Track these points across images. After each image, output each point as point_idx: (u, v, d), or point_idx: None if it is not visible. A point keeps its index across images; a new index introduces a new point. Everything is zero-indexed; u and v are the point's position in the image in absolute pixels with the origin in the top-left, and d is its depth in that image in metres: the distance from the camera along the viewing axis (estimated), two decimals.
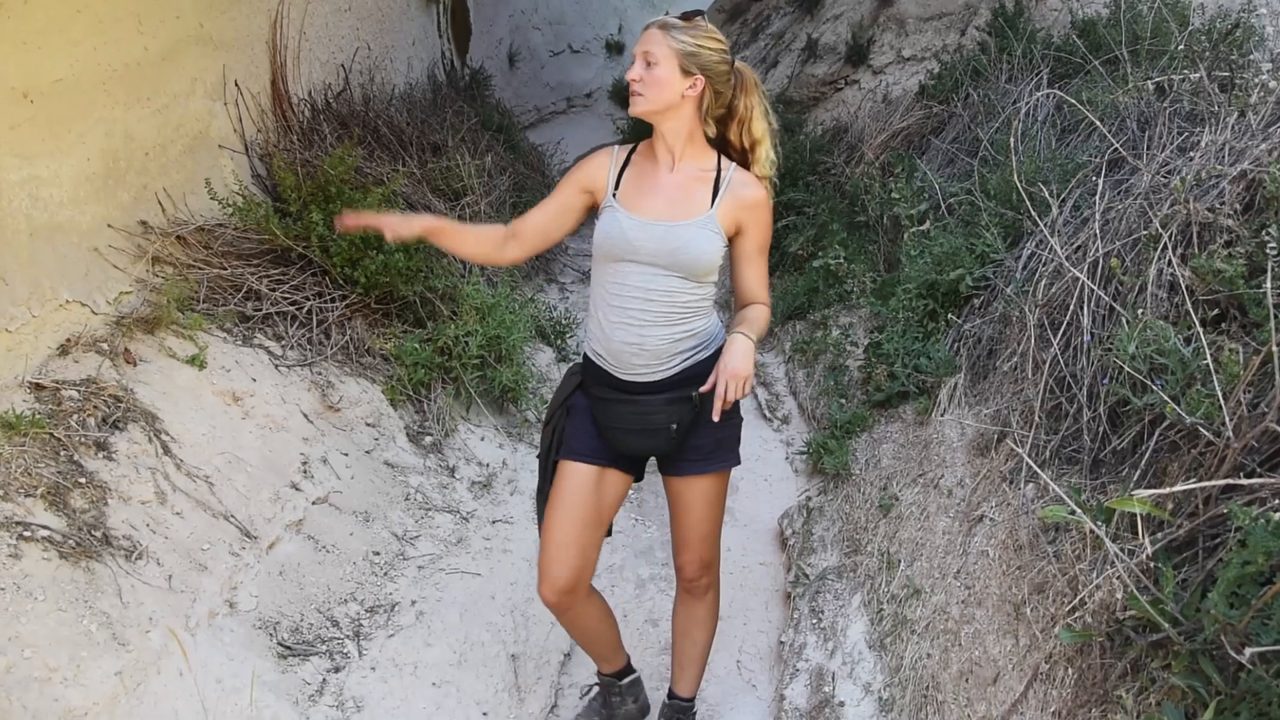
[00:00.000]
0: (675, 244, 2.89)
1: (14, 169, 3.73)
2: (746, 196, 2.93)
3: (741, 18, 15.56)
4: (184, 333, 4.13)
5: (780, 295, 7.03)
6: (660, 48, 2.84)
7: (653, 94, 2.85)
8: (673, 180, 2.95)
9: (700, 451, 3.08)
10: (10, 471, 3.13)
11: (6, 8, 3.65)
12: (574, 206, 3.09)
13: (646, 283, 2.95)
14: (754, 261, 3.00)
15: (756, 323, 2.93)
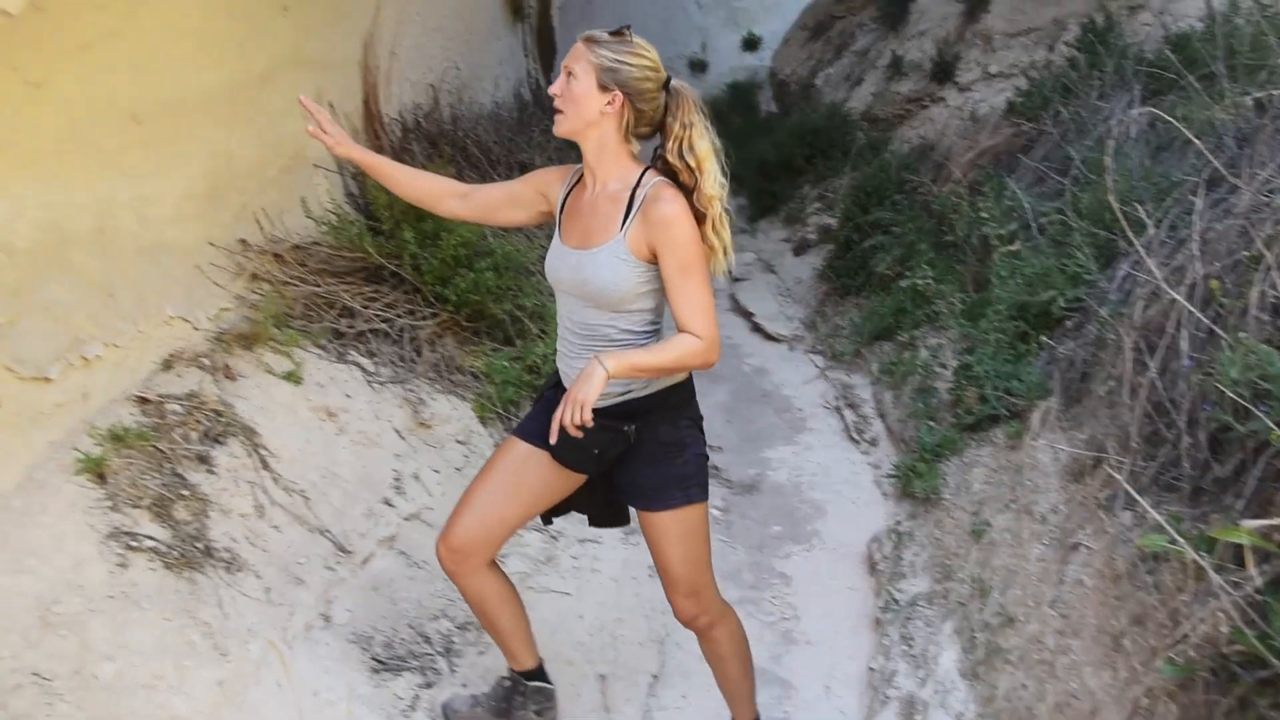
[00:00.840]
0: (582, 274, 2.80)
1: (123, 189, 3.84)
2: (654, 215, 2.70)
3: (824, 35, 15.51)
4: (281, 349, 4.22)
5: (867, 315, 7.00)
6: (580, 62, 2.76)
7: (570, 110, 2.77)
8: (594, 201, 2.85)
9: (647, 487, 2.95)
10: (118, 483, 3.22)
11: (118, 33, 3.76)
12: (524, 201, 3.06)
13: (571, 313, 2.91)
14: (676, 285, 2.70)
15: (653, 351, 2.70)
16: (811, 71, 14.71)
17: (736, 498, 5.32)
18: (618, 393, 2.86)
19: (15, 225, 3.34)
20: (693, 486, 2.98)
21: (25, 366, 3.27)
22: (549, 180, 3.03)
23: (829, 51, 14.87)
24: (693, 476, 2.98)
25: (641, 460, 2.93)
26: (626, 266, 2.74)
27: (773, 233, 10.56)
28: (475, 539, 3.05)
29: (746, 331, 8.24)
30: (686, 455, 2.96)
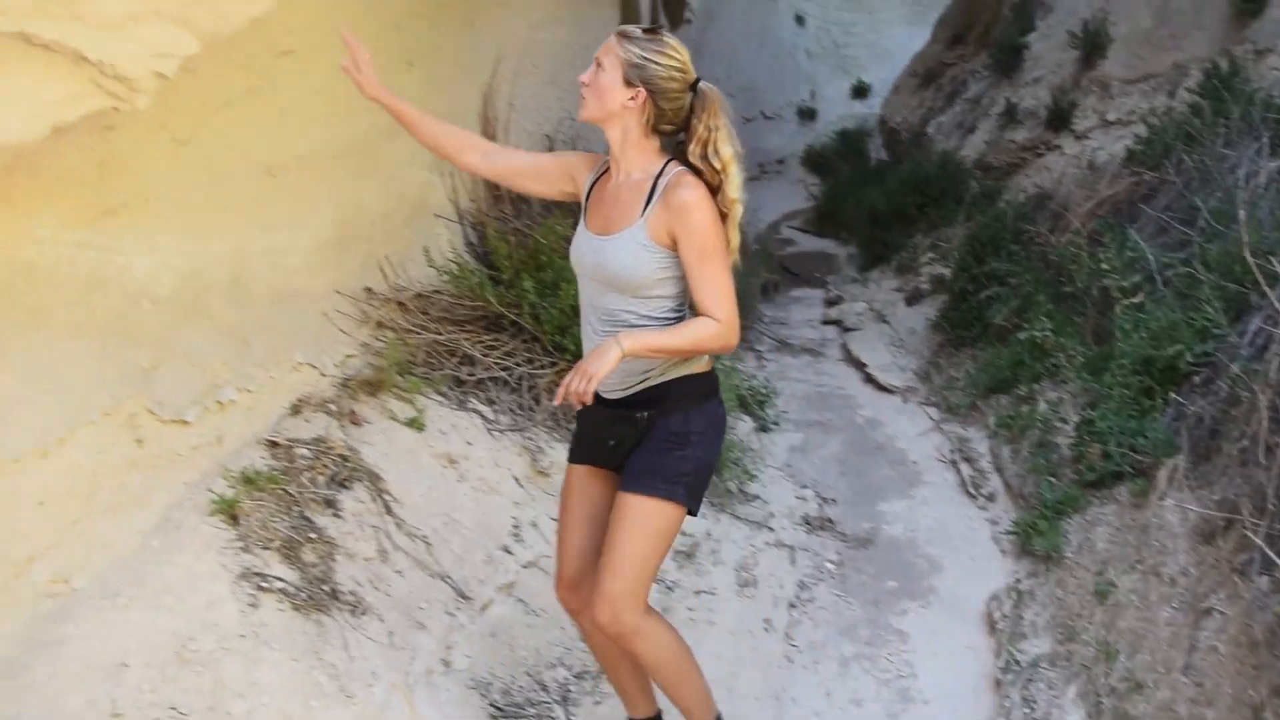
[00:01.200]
0: (603, 258, 2.85)
1: (257, 238, 3.99)
2: (673, 202, 2.75)
3: (935, 82, 15.41)
4: (404, 395, 4.32)
5: (983, 367, 6.89)
6: (610, 55, 2.81)
7: (593, 100, 2.84)
8: (617, 190, 2.90)
9: (635, 469, 2.91)
10: (250, 524, 3.32)
11: (258, 91, 3.92)
12: (549, 176, 3.09)
13: (593, 298, 2.95)
14: (695, 271, 2.75)
15: (670, 333, 2.76)
16: (923, 119, 14.62)
17: (851, 551, 5.26)
18: (635, 380, 2.88)
19: (159, 274, 3.49)
20: (680, 486, 2.90)
21: (165, 410, 3.40)
22: (577, 164, 3.08)
23: (940, 99, 14.77)
24: (685, 475, 2.91)
25: (645, 445, 2.91)
26: (646, 252, 2.79)
27: (884, 282, 10.48)
28: (584, 572, 3.07)
29: (859, 382, 8.17)
30: (688, 453, 2.91)
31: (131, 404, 3.27)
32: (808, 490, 5.96)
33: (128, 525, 3.19)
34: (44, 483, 2.95)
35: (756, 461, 5.86)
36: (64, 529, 2.99)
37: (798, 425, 7.08)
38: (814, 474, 6.29)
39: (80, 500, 3.06)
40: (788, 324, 10.02)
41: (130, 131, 3.36)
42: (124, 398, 3.25)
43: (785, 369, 8.39)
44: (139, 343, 3.36)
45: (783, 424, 6.88)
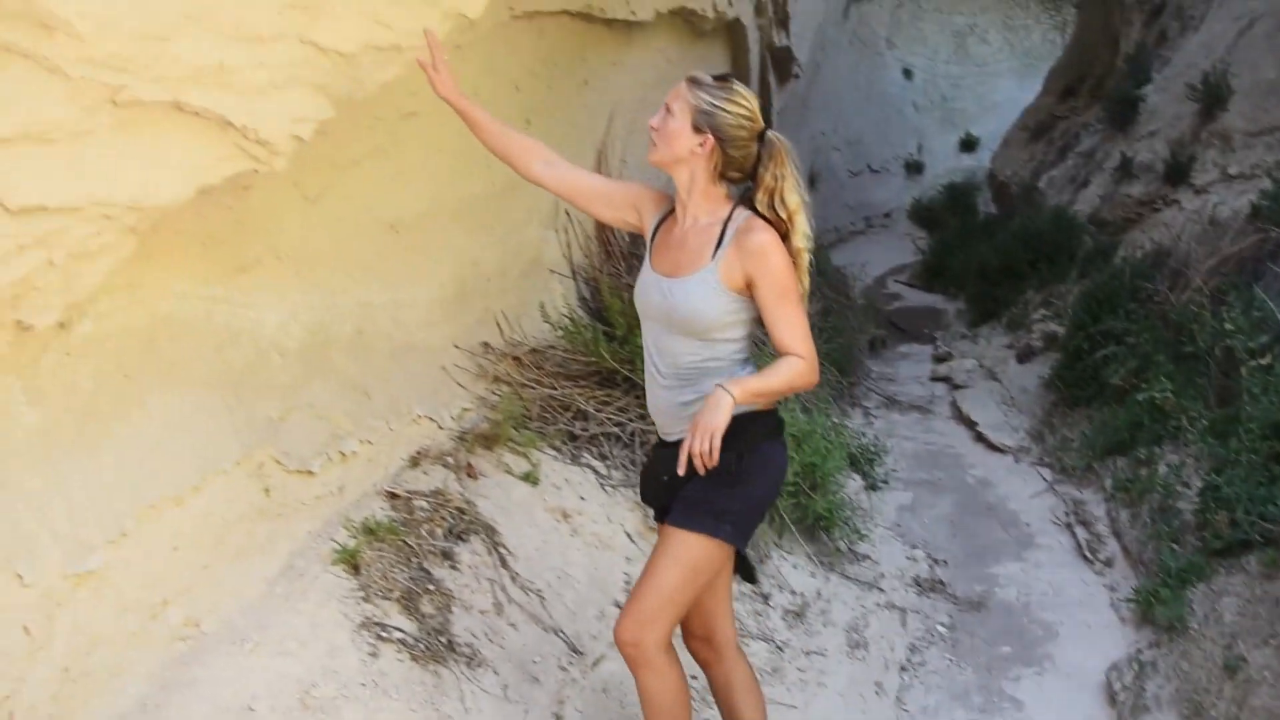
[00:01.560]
0: (671, 301, 2.86)
1: (380, 293, 4.10)
2: (748, 245, 2.78)
3: (1047, 135, 15.25)
4: (519, 449, 4.38)
5: (1099, 428, 6.74)
6: (680, 101, 2.85)
7: (662, 144, 2.87)
8: (684, 234, 2.92)
9: (686, 503, 2.89)
10: (370, 574, 3.39)
11: (384, 150, 4.05)
12: (615, 203, 3.11)
13: (657, 340, 2.96)
14: (775, 311, 2.79)
15: (766, 375, 2.79)
16: (1033, 173, 14.45)
17: (963, 614, 5.16)
18: (690, 415, 2.85)
19: (288, 328, 3.60)
20: (726, 522, 2.87)
21: (291, 460, 3.49)
22: (646, 198, 3.09)
23: (1052, 153, 14.59)
24: (732, 513, 2.88)
25: (694, 480, 2.85)
26: (715, 295, 2.81)
27: (994, 338, 10.33)
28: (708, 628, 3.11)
29: (969, 441, 8.05)
30: (737, 490, 2.88)
31: (260, 454, 3.38)
32: (918, 551, 5.88)
33: (254, 572, 3.28)
34: (178, 528, 3.05)
35: (866, 520, 5.80)
36: (195, 574, 3.08)
37: (907, 484, 7.00)
38: (924, 534, 6.20)
39: (211, 546, 3.16)
40: (895, 380, 9.93)
41: (265, 190, 3.49)
42: (253, 447, 3.35)
43: (893, 426, 8.31)
44: (268, 394, 3.47)
45: (892, 482, 6.81)
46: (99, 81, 2.36)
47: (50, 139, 2.35)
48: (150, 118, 2.54)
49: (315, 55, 2.91)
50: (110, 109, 2.44)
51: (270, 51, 2.77)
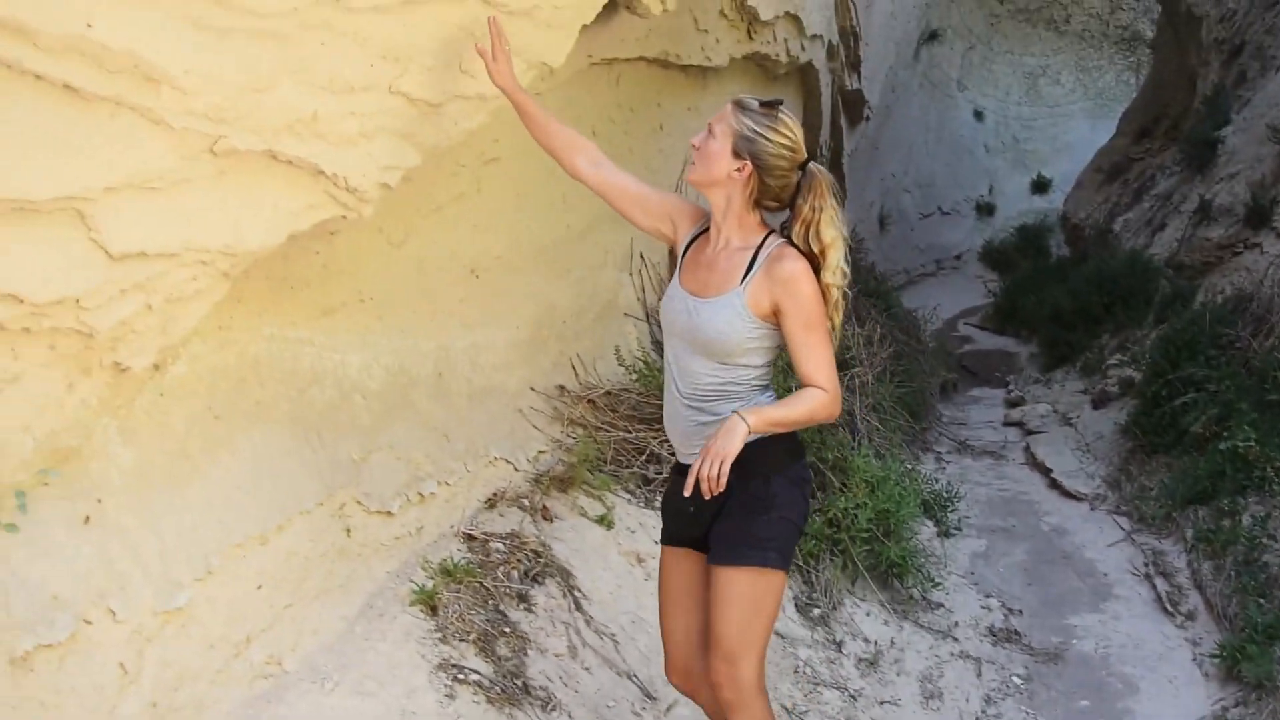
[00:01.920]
0: (695, 321, 2.85)
1: (460, 337, 4.16)
2: (778, 273, 2.77)
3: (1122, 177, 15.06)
4: (593, 492, 4.40)
5: (1179, 477, 6.61)
6: (722, 124, 2.84)
7: (700, 164, 2.86)
8: (715, 256, 2.90)
9: (723, 541, 2.86)
10: (447, 616, 3.42)
11: (466, 196, 4.13)
12: (652, 211, 3.11)
13: (679, 359, 2.94)
14: (800, 341, 2.76)
15: (786, 405, 2.79)
16: (1108, 215, 14.26)
17: (1040, 666, 5.07)
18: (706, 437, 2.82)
19: (371, 370, 3.68)
20: (770, 550, 2.85)
21: (372, 500, 3.55)
22: (683, 211, 3.08)
23: (1127, 195, 14.39)
24: (774, 540, 2.87)
25: (728, 512, 2.86)
26: (740, 319, 2.79)
27: (1069, 383, 10.18)
28: (692, 655, 3.05)
29: (1043, 487, 7.92)
30: (772, 515, 2.86)
31: (342, 494, 3.43)
32: (993, 599, 5.80)
33: (334, 611, 3.33)
34: (262, 567, 3.10)
35: (939, 568, 5.73)
36: (278, 612, 3.13)
37: (980, 531, 6.90)
38: (998, 582, 6.11)
39: (293, 585, 3.21)
40: (967, 424, 9.82)
41: (351, 235, 3.57)
42: (336, 488, 3.41)
43: (966, 471, 8.21)
44: (350, 435, 3.53)
45: (965, 529, 6.71)
46: (199, 132, 2.45)
47: (152, 187, 2.43)
48: (246, 166, 2.63)
49: (404, 105, 2.99)
50: (209, 158, 2.52)
51: (361, 102, 2.85)
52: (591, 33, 3.86)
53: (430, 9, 2.90)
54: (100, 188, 2.30)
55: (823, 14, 9.23)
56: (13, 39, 2.03)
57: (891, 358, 7.75)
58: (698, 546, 3.00)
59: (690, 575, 3.04)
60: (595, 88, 5.30)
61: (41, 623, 2.46)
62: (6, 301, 2.23)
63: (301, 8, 2.54)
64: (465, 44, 3.08)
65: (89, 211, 2.31)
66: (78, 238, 2.34)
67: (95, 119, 2.26)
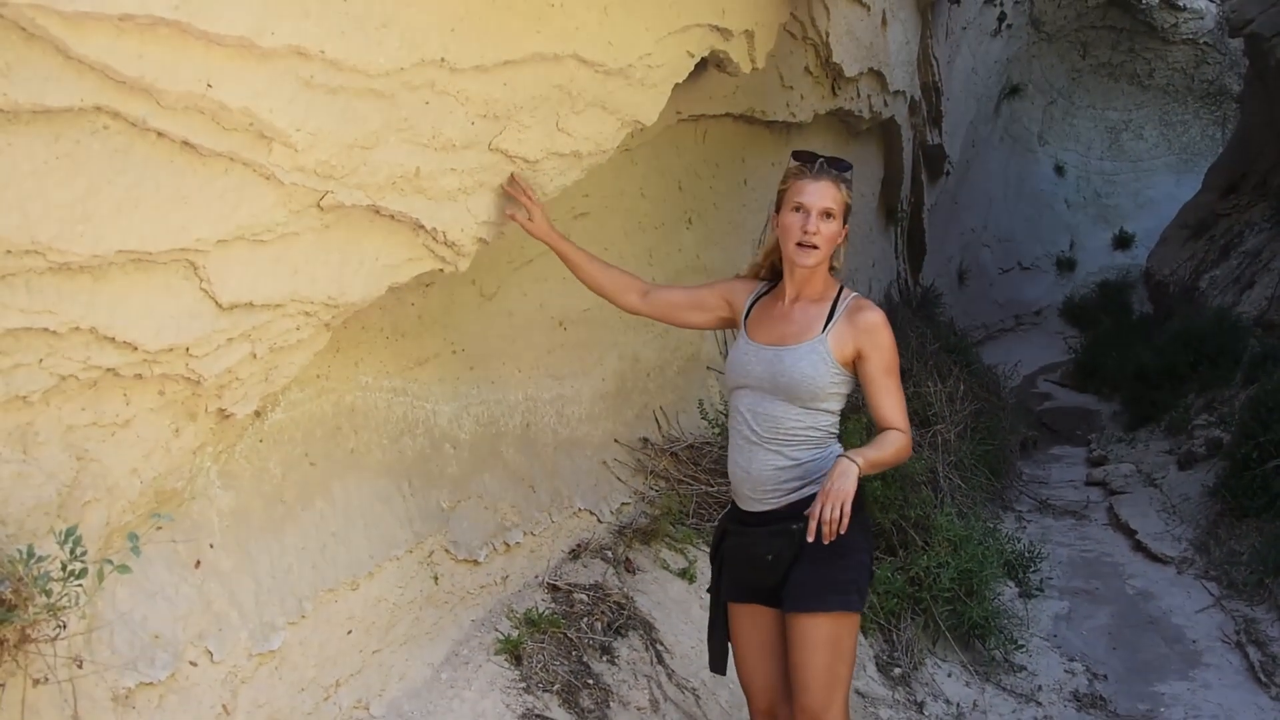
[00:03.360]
0: (778, 366, 2.94)
1: (547, 388, 4.21)
2: (861, 321, 2.94)
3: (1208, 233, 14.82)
4: (675, 545, 4.41)
5: (1271, 542, 6.45)
6: (836, 202, 2.96)
7: (826, 249, 2.96)
8: (789, 310, 3.03)
9: (804, 588, 2.91)
10: (531, 665, 3.44)
11: None
12: (708, 306, 3.23)
13: (755, 406, 3.00)
14: (881, 385, 2.94)
15: (879, 446, 2.90)
16: (1193, 272, 14.04)
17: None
18: (790, 489, 2.94)
19: (461, 420, 3.73)
20: (852, 594, 2.95)
21: (460, 549, 3.59)
22: (735, 289, 3.22)
23: (1213, 251, 14.17)
24: (853, 583, 2.96)
25: (804, 560, 2.92)
26: (824, 364, 2.92)
27: (1153, 443, 10.00)
28: (776, 702, 3.10)
29: (1128, 550, 7.76)
30: (850, 560, 2.94)
31: (431, 542, 3.48)
32: (1076, 664, 5.69)
33: (421, 658, 3.36)
34: (352, 612, 3.15)
35: (1021, 629, 5.64)
36: (367, 657, 3.17)
37: (1063, 593, 6.79)
38: (1082, 646, 6.00)
39: (381, 631, 3.25)
40: (1048, 483, 9.68)
41: (445, 287, 3.65)
42: (425, 536, 3.45)
43: (1047, 531, 8.07)
44: (440, 484, 3.58)
45: (1047, 590, 6.60)
46: (307, 187, 2.52)
47: (261, 240, 2.50)
48: (350, 220, 2.70)
49: (502, 162, 3.06)
50: (315, 213, 2.59)
51: (461, 158, 2.92)
52: (681, 90, 3.91)
53: (529, 68, 2.97)
54: (213, 240, 2.37)
55: (906, 70, 9.25)
56: (139, 98, 2.11)
57: (972, 414, 7.68)
58: (764, 599, 3.06)
59: (765, 629, 3.09)
60: (682, 143, 5.36)
61: (143, 661, 2.52)
62: (121, 349, 2.30)
63: (407, 67, 2.61)
64: (562, 103, 3.14)
65: (201, 263, 2.38)
66: (189, 288, 2.41)
67: (210, 174, 2.33)
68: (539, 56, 2.96)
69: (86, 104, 1.99)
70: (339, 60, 2.41)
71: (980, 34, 15.27)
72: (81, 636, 2.35)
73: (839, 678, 2.94)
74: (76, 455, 2.38)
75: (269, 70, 2.32)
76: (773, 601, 3.03)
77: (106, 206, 2.13)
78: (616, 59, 3.25)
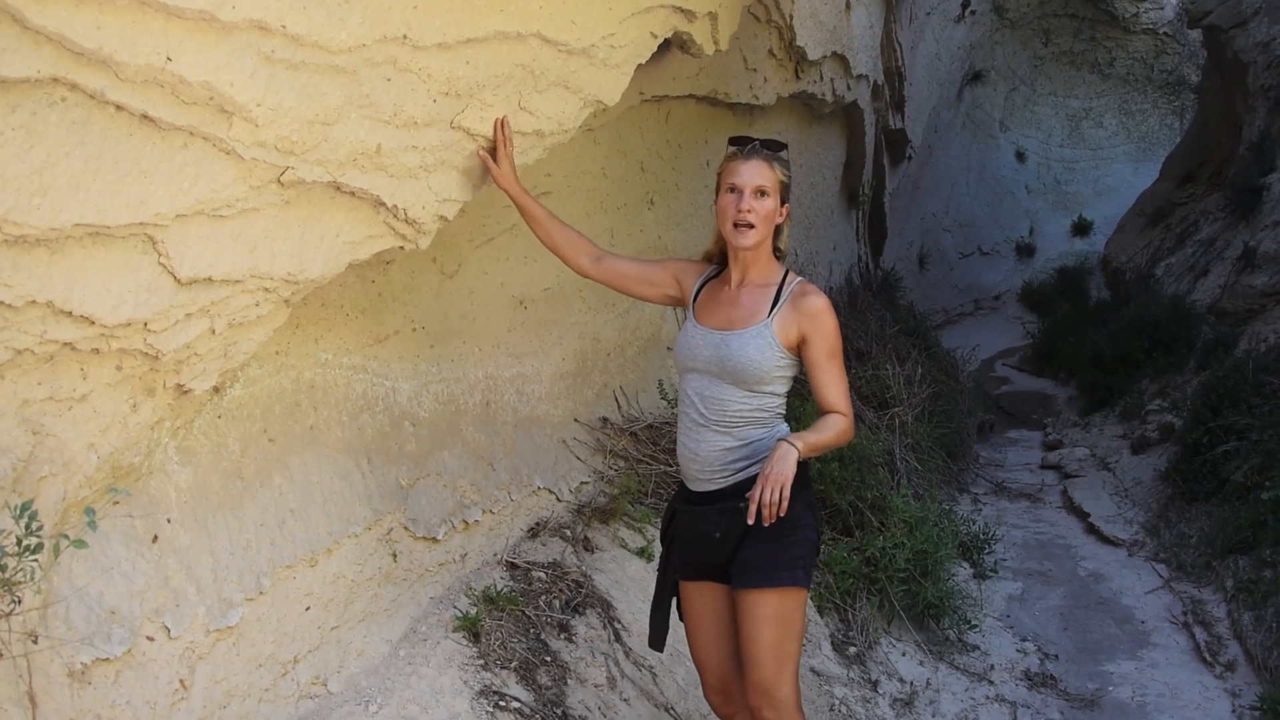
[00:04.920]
0: (724, 351, 2.99)
1: (507, 366, 4.22)
2: (805, 306, 2.98)
3: (1164, 222, 14.99)
4: (634, 524, 4.44)
5: (1219, 526, 6.56)
6: (770, 180, 3.00)
7: (762, 227, 2.99)
8: (736, 294, 3.07)
9: (751, 566, 2.97)
10: (490, 643, 3.45)
11: (517, 228, 4.17)
12: (657, 282, 3.27)
13: (703, 389, 3.05)
14: (824, 369, 2.99)
15: (819, 430, 2.95)
16: (1150, 260, 14.20)
17: (1075, 712, 5.03)
18: (738, 469, 3.00)
19: (421, 398, 3.73)
20: (798, 570, 3.00)
21: (419, 526, 3.59)
22: (685, 270, 3.26)
23: (1169, 240, 14.33)
24: (799, 560, 3.01)
25: (751, 538, 2.97)
26: (770, 348, 2.97)
27: (1107, 428, 10.13)
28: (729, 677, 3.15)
29: (1080, 532, 7.88)
30: (798, 536, 3.00)
31: (390, 519, 3.48)
32: (1029, 643, 5.77)
33: (379, 634, 3.37)
34: (311, 589, 3.15)
35: (975, 610, 5.71)
36: (325, 634, 3.18)
37: (1016, 574, 6.88)
38: (1034, 626, 6.09)
39: (340, 608, 3.25)
40: (1004, 466, 9.79)
41: (406, 265, 3.64)
42: (384, 513, 3.45)
43: (1002, 514, 8.17)
44: (400, 462, 3.58)
45: (1001, 572, 6.70)
46: (267, 163, 2.51)
47: (221, 215, 2.49)
48: (311, 197, 2.69)
49: (464, 140, 3.05)
50: (276, 188, 2.58)
51: (423, 136, 2.91)
52: (644, 70, 3.92)
53: (492, 47, 2.96)
54: (171, 214, 2.36)
55: (869, 54, 9.29)
56: (97, 70, 2.09)
57: (930, 397, 7.75)
58: (715, 576, 3.10)
59: (716, 606, 3.15)
60: (645, 124, 5.37)
61: (99, 636, 2.51)
62: (79, 323, 2.29)
63: (369, 44, 2.60)
64: (524, 82, 3.14)
65: (160, 237, 2.37)
66: (148, 263, 2.39)
67: (169, 148, 2.31)
68: (502, 35, 2.96)
69: (44, 75, 1.98)
70: (300, 35, 2.40)
71: (944, 20, 15.34)
72: (37, 612, 2.34)
73: (788, 652, 3.00)
74: (32, 430, 2.37)
75: (230, 44, 2.31)
76: (723, 579, 3.08)
77: (64, 179, 2.11)
78: (579, 38, 3.25)
